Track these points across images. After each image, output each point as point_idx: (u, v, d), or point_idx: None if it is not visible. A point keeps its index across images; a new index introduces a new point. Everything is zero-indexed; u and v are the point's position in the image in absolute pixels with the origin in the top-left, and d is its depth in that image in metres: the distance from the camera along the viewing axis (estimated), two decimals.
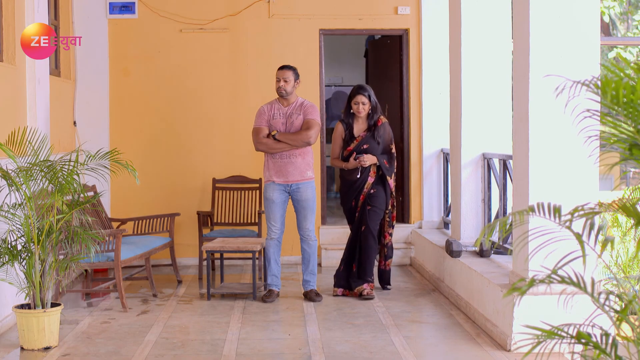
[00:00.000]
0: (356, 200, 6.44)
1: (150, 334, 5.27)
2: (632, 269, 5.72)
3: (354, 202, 6.46)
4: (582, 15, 4.68)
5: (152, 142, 8.14)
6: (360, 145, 6.42)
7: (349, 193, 6.48)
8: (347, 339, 5.13)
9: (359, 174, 6.39)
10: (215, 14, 8.14)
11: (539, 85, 4.62)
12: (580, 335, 2.60)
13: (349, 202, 6.51)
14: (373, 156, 6.39)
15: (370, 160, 6.38)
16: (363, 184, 6.44)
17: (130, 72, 8.15)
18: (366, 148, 6.41)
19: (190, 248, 8.03)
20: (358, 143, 6.43)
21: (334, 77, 12.70)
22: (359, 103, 6.41)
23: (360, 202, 6.44)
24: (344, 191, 6.56)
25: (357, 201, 6.45)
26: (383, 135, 6.45)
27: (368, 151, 6.40)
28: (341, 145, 6.49)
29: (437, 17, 8.03)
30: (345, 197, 6.54)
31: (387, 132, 6.49)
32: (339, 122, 6.53)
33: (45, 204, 4.96)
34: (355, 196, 6.44)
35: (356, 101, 6.42)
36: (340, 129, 6.51)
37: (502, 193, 6.11)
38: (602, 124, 2.64)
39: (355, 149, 6.42)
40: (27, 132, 5.18)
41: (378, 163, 6.40)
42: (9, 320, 5.42)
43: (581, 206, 2.66)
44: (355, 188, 6.43)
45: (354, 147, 6.43)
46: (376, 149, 6.42)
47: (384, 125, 6.47)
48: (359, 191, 6.44)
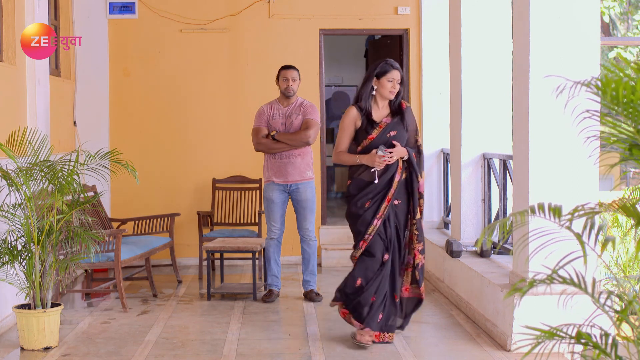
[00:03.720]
0: (374, 211, 4.89)
1: (150, 334, 5.27)
2: (632, 269, 5.73)
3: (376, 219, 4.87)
4: (582, 15, 4.68)
5: (152, 142, 8.14)
6: (384, 133, 4.92)
7: (363, 199, 4.91)
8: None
9: (379, 172, 4.89)
10: (215, 14, 8.14)
11: (539, 85, 4.62)
12: (580, 336, 2.60)
13: (363, 213, 4.91)
14: (403, 148, 4.92)
15: (399, 154, 4.91)
16: (388, 186, 4.92)
17: (130, 72, 8.15)
18: (393, 136, 4.91)
19: (190, 248, 8.03)
20: (382, 130, 4.93)
21: (334, 77, 12.71)
22: (394, 80, 4.95)
23: (381, 213, 4.89)
24: (356, 196, 4.93)
25: (375, 212, 4.89)
26: (410, 123, 5.04)
27: (395, 140, 4.92)
28: (352, 135, 5.01)
29: (437, 17, 8.03)
30: (357, 205, 4.92)
31: (412, 119, 5.08)
32: (353, 107, 5.00)
33: (45, 204, 4.95)
34: (376, 204, 4.90)
35: (391, 77, 4.93)
36: (354, 113, 4.98)
37: (502, 193, 6.11)
38: (602, 124, 2.64)
39: (379, 137, 4.92)
40: (27, 132, 5.18)
41: (406, 157, 4.93)
42: (9, 320, 5.42)
43: (581, 206, 2.66)
44: (377, 192, 4.91)
45: (378, 136, 4.92)
46: (404, 139, 4.96)
47: (408, 110, 5.04)
48: (382, 197, 4.91)
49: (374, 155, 4.83)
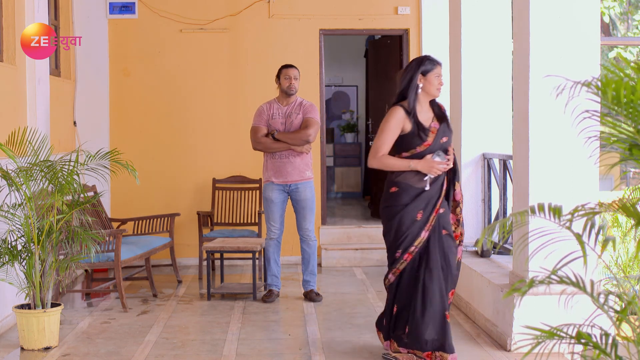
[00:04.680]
0: (424, 222, 4.40)
1: (150, 334, 5.27)
2: (632, 269, 5.72)
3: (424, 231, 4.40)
4: (582, 15, 4.68)
5: (152, 142, 8.14)
6: (438, 138, 4.46)
7: (416, 209, 4.39)
8: (347, 339, 5.13)
9: (431, 180, 4.43)
10: (215, 14, 8.14)
11: (539, 85, 4.62)
12: (580, 336, 2.60)
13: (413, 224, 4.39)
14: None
15: (453, 161, 4.52)
16: (438, 195, 4.46)
17: (130, 72, 8.15)
18: (445, 142, 4.49)
19: (190, 248, 8.03)
20: (436, 136, 4.46)
21: (334, 77, 12.71)
22: (440, 77, 4.52)
23: (430, 224, 4.41)
24: (408, 206, 4.40)
25: (425, 223, 4.40)
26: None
27: (447, 146, 4.51)
28: (395, 139, 4.46)
29: (437, 17, 8.03)
30: (410, 215, 4.39)
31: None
32: (398, 107, 4.45)
33: (45, 204, 4.96)
34: (426, 214, 4.41)
35: (438, 73, 4.49)
36: (401, 115, 4.42)
37: (502, 193, 6.11)
38: (602, 125, 2.64)
39: (434, 144, 4.44)
40: (27, 132, 5.18)
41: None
42: (9, 320, 5.42)
43: (581, 206, 2.66)
44: (427, 202, 4.42)
45: (433, 142, 4.44)
46: (450, 145, 4.57)
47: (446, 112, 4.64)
48: (432, 206, 4.42)
49: (431, 161, 4.38)
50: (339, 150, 12.55)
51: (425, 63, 4.46)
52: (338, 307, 6.07)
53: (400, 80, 4.53)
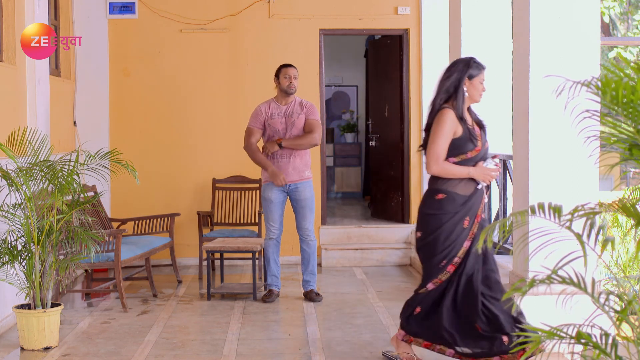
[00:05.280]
0: (468, 230, 4.21)
1: (150, 334, 5.27)
2: (632, 269, 5.72)
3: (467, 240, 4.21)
4: (582, 16, 4.68)
5: (152, 142, 8.14)
6: (483, 145, 4.30)
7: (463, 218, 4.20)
8: (347, 339, 5.13)
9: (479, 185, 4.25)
10: (215, 14, 8.14)
11: (539, 86, 4.63)
12: (580, 336, 2.60)
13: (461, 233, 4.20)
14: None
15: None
16: (479, 200, 4.27)
17: (130, 72, 8.15)
18: (488, 148, 4.34)
19: (190, 248, 8.03)
20: (482, 141, 4.30)
21: (334, 77, 12.71)
22: (484, 81, 4.34)
23: (472, 233, 4.22)
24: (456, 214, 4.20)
25: (469, 230, 4.21)
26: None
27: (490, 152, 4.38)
28: (449, 143, 4.21)
29: (437, 17, 8.03)
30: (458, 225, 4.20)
31: None
32: (450, 110, 4.22)
33: (45, 204, 4.95)
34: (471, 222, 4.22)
35: (482, 79, 4.31)
36: (454, 118, 4.21)
37: (502, 193, 6.11)
38: (602, 124, 2.64)
39: (482, 151, 4.27)
40: (27, 132, 5.18)
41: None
42: (9, 320, 5.42)
43: (581, 206, 2.66)
44: (472, 207, 4.24)
45: (482, 148, 4.28)
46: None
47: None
48: (475, 214, 4.25)
49: (485, 168, 4.20)
50: (339, 150, 12.56)
51: (472, 67, 4.27)
52: (338, 307, 6.07)
53: (443, 79, 4.32)
